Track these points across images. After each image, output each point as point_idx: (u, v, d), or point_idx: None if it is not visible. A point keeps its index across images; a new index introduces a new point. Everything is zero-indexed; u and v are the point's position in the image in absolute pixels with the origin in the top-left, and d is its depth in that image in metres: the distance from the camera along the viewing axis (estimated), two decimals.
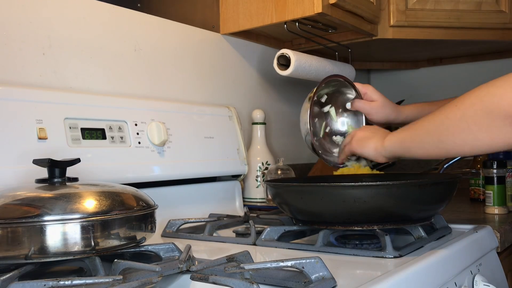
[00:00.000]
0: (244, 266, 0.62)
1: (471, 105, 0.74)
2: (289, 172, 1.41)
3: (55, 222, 0.65)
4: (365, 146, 0.98)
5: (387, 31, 1.55)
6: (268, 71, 1.67)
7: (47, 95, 0.98)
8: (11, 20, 1.01)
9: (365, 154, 0.98)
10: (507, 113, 0.69)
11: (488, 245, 0.98)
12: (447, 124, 0.78)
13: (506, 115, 0.69)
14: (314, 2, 1.31)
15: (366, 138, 0.99)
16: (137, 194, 0.78)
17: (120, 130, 1.08)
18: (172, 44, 1.36)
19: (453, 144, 0.78)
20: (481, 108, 0.72)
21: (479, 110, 0.72)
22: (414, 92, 2.23)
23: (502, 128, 0.70)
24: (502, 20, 1.58)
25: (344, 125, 1.17)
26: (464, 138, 0.76)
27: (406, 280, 0.67)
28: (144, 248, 0.77)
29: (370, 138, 0.97)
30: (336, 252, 0.82)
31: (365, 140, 0.98)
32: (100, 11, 1.18)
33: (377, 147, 0.95)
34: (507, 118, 0.69)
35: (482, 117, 0.72)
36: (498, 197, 1.24)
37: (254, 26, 1.45)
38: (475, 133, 0.74)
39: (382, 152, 0.94)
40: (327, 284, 0.61)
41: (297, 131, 1.84)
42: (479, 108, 0.72)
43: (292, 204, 0.90)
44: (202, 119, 1.29)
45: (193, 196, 1.24)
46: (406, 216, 0.85)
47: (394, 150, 0.91)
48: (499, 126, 0.71)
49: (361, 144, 0.99)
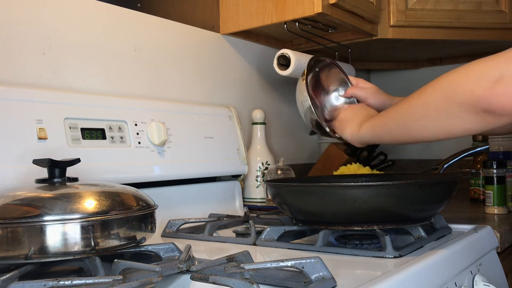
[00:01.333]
0: (244, 266, 0.62)
1: (432, 92, 0.75)
2: (289, 172, 1.41)
3: (55, 222, 0.65)
4: (343, 130, 1.00)
5: (387, 31, 1.55)
6: (268, 71, 1.67)
7: (47, 95, 0.98)
8: (11, 20, 1.01)
9: (343, 137, 1.01)
10: (464, 100, 0.69)
11: (488, 245, 0.98)
12: (411, 111, 0.80)
13: (462, 102, 0.69)
14: (314, 2, 1.31)
15: (346, 120, 1.01)
16: (137, 194, 0.78)
17: (120, 130, 1.08)
18: (172, 44, 1.36)
19: (416, 130, 0.80)
20: (441, 94, 0.73)
21: (439, 96, 0.73)
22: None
23: (459, 114, 0.71)
24: (502, 20, 1.58)
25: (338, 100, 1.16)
26: (425, 125, 0.77)
27: (406, 280, 0.67)
28: (144, 248, 0.77)
29: (350, 121, 1.00)
30: (336, 252, 0.82)
31: (344, 123, 1.01)
32: (100, 11, 1.18)
33: (352, 133, 0.97)
34: (462, 105, 0.70)
35: (441, 103, 0.73)
36: (498, 197, 1.24)
37: (254, 26, 1.45)
38: (435, 119, 0.75)
39: (356, 138, 0.97)
40: (327, 284, 0.61)
41: (297, 131, 1.86)
42: (439, 95, 0.73)
43: (292, 204, 0.90)
44: (202, 119, 1.29)
45: (193, 196, 1.24)
46: (406, 216, 0.85)
47: (367, 137, 0.94)
48: (457, 113, 0.71)
49: (340, 126, 1.02)
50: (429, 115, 0.76)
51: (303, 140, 1.89)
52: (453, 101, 0.71)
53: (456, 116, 0.71)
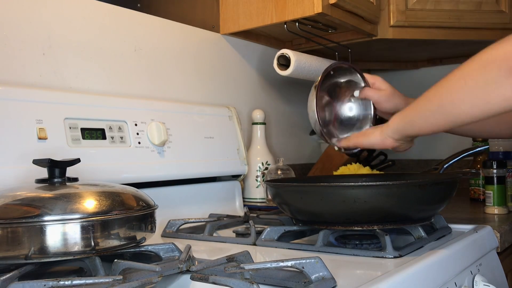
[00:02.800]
0: (244, 266, 0.62)
1: (470, 62, 0.72)
2: (289, 172, 1.41)
3: (55, 222, 0.65)
4: (370, 135, 0.97)
5: (387, 31, 1.55)
6: (268, 71, 1.67)
7: (47, 95, 0.98)
8: (11, 20, 1.01)
9: (371, 141, 0.96)
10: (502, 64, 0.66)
11: (488, 245, 0.98)
12: (446, 85, 0.76)
13: (500, 66, 0.66)
14: (314, 2, 1.31)
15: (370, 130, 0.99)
16: (137, 194, 0.78)
17: (120, 130, 1.08)
18: (172, 44, 1.36)
19: (452, 105, 0.75)
20: (478, 62, 0.70)
21: (476, 64, 0.71)
22: (414, 92, 2.22)
23: (497, 80, 0.67)
24: (502, 20, 1.58)
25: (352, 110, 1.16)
26: (461, 97, 0.73)
27: (406, 280, 0.67)
28: (144, 248, 0.77)
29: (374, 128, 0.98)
30: (336, 252, 0.82)
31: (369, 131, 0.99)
32: (100, 11, 1.18)
33: (382, 131, 0.93)
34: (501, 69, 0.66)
35: (479, 70, 0.70)
36: (498, 197, 1.24)
37: (254, 26, 1.45)
38: (472, 89, 0.71)
39: (388, 133, 0.92)
40: (327, 284, 0.61)
41: (297, 131, 1.86)
42: (476, 63, 0.71)
43: (292, 204, 0.90)
44: (202, 119, 1.29)
45: (193, 196, 1.24)
46: (406, 216, 0.85)
47: (399, 127, 0.89)
48: (496, 78, 0.67)
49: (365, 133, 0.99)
50: (465, 85, 0.71)
51: (303, 140, 1.89)
52: (492, 66, 0.67)
53: (495, 81, 0.67)
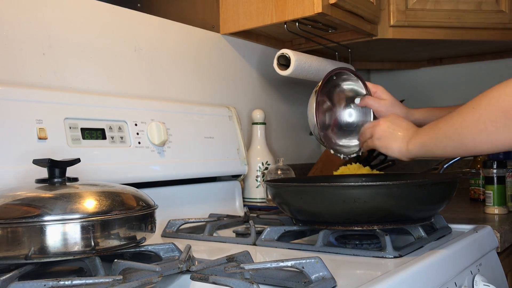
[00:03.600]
0: (244, 266, 0.62)
1: (487, 106, 0.75)
2: (289, 172, 1.41)
3: (55, 222, 0.65)
4: (389, 147, 0.98)
5: (387, 31, 1.55)
6: (268, 71, 1.67)
7: (47, 95, 0.98)
8: (11, 20, 1.01)
9: (388, 153, 0.99)
10: None
11: (488, 245, 0.98)
12: (465, 126, 0.79)
13: None
14: (314, 2, 1.31)
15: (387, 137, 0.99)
16: (137, 194, 0.78)
17: (120, 130, 1.08)
18: (172, 44, 1.36)
19: (473, 144, 0.79)
20: (497, 108, 0.73)
21: (495, 110, 0.73)
22: (414, 92, 2.23)
23: None
24: (502, 20, 1.58)
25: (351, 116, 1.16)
26: (483, 140, 0.77)
27: (406, 280, 0.67)
28: (144, 248, 0.77)
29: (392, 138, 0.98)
30: (336, 252, 0.82)
31: (386, 140, 0.98)
32: (100, 11, 1.18)
33: (401, 150, 0.96)
34: None
35: (499, 117, 0.73)
36: (498, 197, 1.24)
37: (254, 26, 1.45)
38: (493, 133, 0.75)
39: (406, 154, 0.95)
40: (327, 284, 0.61)
41: (297, 131, 1.86)
42: (495, 109, 0.73)
43: (292, 204, 0.90)
44: (202, 119, 1.29)
45: (193, 196, 1.24)
46: (406, 216, 0.85)
47: (418, 153, 0.93)
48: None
49: (384, 143, 0.99)
50: (486, 129, 0.75)
51: (303, 140, 1.89)
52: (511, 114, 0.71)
53: None
